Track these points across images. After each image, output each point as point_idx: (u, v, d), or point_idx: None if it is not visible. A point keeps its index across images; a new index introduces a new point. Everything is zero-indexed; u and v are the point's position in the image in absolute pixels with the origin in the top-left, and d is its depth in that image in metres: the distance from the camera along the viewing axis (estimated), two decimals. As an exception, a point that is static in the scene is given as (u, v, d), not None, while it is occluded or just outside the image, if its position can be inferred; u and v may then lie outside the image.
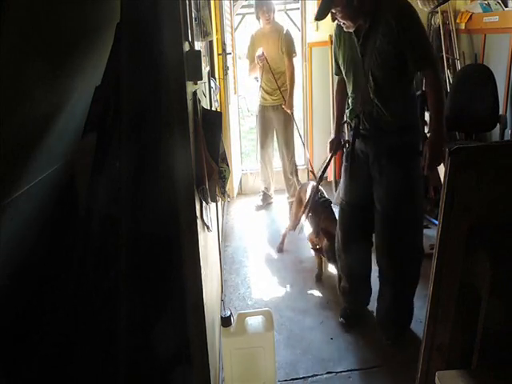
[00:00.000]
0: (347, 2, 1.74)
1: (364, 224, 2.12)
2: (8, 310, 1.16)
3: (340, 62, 2.01)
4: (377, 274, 2.17)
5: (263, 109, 3.64)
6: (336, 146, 2.22)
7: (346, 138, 2.15)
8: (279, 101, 3.51)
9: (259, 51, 3.41)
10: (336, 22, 1.95)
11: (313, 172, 3.56)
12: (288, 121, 3.58)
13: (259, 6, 3.33)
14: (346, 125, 2.28)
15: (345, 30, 1.87)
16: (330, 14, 1.83)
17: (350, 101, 2.04)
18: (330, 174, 3.92)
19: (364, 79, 1.88)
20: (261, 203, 3.91)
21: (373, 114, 1.91)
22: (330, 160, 2.39)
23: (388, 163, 1.91)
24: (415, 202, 1.98)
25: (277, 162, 3.96)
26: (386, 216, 1.97)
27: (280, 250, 3.15)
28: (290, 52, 3.39)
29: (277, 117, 3.58)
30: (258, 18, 3.42)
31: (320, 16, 1.82)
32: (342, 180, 2.19)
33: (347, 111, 2.07)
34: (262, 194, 3.94)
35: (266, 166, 3.81)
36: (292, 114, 3.55)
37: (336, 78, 2.23)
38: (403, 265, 2.01)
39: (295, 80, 3.52)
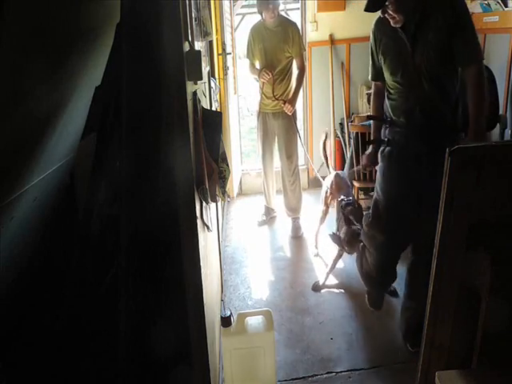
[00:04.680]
0: None
1: (402, 224, 2.04)
2: (8, 308, 1.16)
3: (383, 60, 1.94)
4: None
5: (264, 116, 3.31)
6: (374, 160, 2.14)
7: (384, 138, 2.04)
8: (281, 107, 3.20)
9: (265, 75, 3.12)
10: (377, 19, 1.90)
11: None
12: (290, 129, 3.26)
13: (264, 4, 3.04)
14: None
15: (392, 25, 1.79)
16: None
17: (395, 97, 1.95)
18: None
19: (416, 74, 1.83)
20: (264, 218, 3.63)
21: (428, 108, 1.85)
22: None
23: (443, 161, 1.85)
24: None
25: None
26: (435, 215, 1.90)
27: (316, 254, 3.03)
28: (301, 49, 3.16)
29: (278, 125, 3.27)
30: (260, 13, 3.14)
31: (373, 7, 1.74)
32: (379, 180, 2.09)
33: (390, 108, 1.99)
34: (264, 208, 3.65)
35: (268, 180, 3.51)
36: (293, 117, 3.26)
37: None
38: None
39: (303, 80, 3.30)
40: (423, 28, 1.77)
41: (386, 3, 1.71)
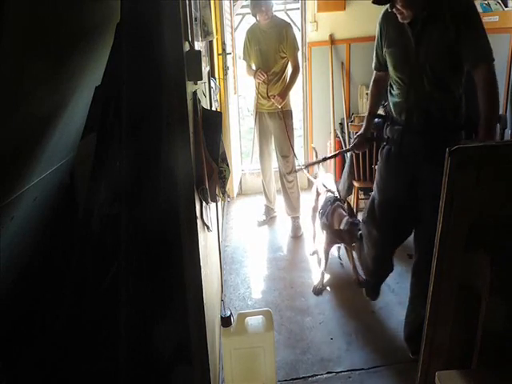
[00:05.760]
0: None
1: (398, 222, 2.04)
2: (8, 308, 1.16)
3: (387, 53, 1.93)
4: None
5: (260, 115, 3.34)
6: (362, 142, 2.19)
7: (385, 136, 2.02)
8: (275, 107, 3.21)
9: (260, 76, 3.16)
10: (385, 11, 1.89)
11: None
12: (286, 129, 3.26)
13: (257, 6, 3.06)
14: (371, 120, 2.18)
15: (400, 20, 1.78)
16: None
17: (396, 93, 1.94)
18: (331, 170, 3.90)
19: (418, 71, 1.80)
20: (264, 218, 3.63)
21: (429, 108, 1.83)
22: (345, 151, 2.54)
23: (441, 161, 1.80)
24: None
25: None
26: (435, 215, 1.85)
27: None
28: (295, 49, 3.18)
29: (273, 125, 3.28)
30: (254, 15, 3.17)
31: (380, 0, 1.77)
32: (377, 178, 2.09)
33: (391, 104, 1.97)
34: (264, 207, 3.66)
35: (267, 180, 3.52)
36: (287, 118, 3.23)
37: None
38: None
39: (297, 78, 3.29)
40: (430, 26, 1.74)
41: None
